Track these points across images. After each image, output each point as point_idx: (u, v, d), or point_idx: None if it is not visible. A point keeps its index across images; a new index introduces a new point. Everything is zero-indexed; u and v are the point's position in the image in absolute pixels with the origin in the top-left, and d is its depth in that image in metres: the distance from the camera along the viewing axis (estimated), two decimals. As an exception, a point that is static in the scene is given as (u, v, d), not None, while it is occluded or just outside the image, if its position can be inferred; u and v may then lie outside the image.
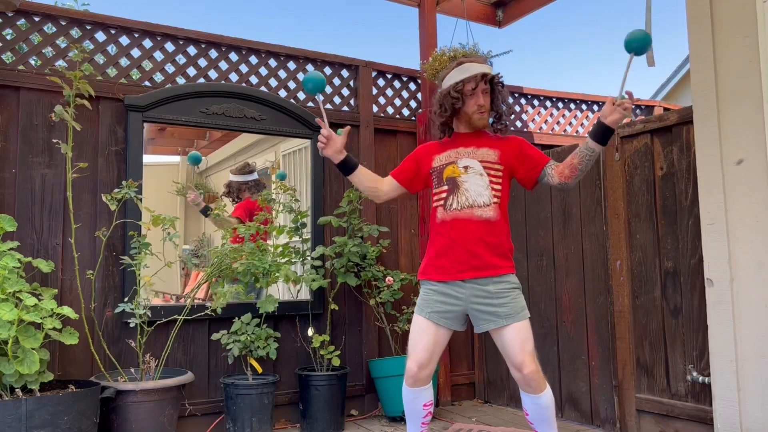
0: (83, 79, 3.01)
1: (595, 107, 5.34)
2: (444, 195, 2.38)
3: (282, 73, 3.94)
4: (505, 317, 2.28)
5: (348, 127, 2.49)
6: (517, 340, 2.28)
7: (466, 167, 2.38)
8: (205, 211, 4.35)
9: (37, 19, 3.25)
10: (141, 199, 3.18)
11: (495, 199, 2.35)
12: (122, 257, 3.17)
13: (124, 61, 3.61)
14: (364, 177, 2.50)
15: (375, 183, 2.53)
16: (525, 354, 2.26)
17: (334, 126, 3.99)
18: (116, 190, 3.12)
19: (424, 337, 2.35)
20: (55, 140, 3.15)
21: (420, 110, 4.34)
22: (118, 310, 3.16)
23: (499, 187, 2.37)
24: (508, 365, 2.37)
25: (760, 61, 2.31)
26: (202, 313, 3.24)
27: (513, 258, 2.40)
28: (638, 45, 2.19)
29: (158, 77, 3.56)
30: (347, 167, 2.47)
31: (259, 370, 3.36)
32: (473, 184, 2.35)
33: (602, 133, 2.26)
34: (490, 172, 2.37)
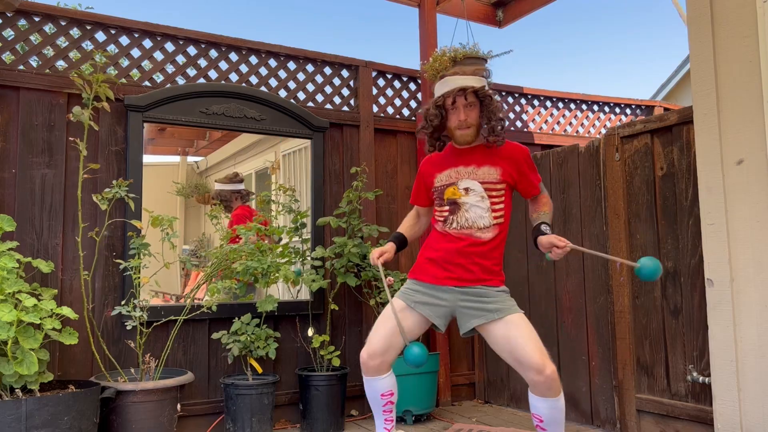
0: (104, 83, 3.03)
1: (595, 107, 5.33)
2: (445, 214, 2.38)
3: (282, 73, 3.94)
4: (495, 311, 2.22)
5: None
6: (523, 338, 2.12)
7: (466, 189, 2.34)
8: None
9: (37, 19, 3.25)
10: (133, 198, 3.16)
11: (495, 221, 2.33)
12: (119, 260, 3.17)
13: (124, 61, 3.61)
14: (411, 233, 2.60)
15: (417, 224, 2.63)
16: (542, 354, 2.09)
17: (335, 126, 4.02)
18: (107, 189, 3.12)
19: (387, 324, 2.30)
20: (71, 138, 3.16)
21: (420, 110, 4.34)
22: (114, 312, 3.16)
23: (501, 206, 2.35)
24: (519, 370, 2.15)
25: (760, 61, 2.30)
26: (199, 312, 3.24)
27: (503, 273, 2.40)
28: (649, 273, 2.15)
29: (158, 77, 3.56)
30: (402, 246, 2.56)
31: (259, 370, 3.36)
32: (474, 206, 2.32)
33: (535, 241, 2.32)
34: (492, 193, 2.33)
